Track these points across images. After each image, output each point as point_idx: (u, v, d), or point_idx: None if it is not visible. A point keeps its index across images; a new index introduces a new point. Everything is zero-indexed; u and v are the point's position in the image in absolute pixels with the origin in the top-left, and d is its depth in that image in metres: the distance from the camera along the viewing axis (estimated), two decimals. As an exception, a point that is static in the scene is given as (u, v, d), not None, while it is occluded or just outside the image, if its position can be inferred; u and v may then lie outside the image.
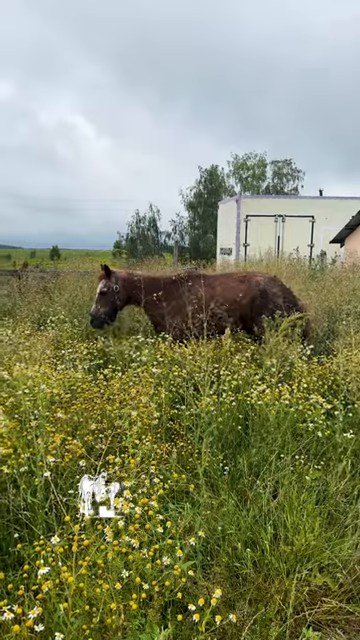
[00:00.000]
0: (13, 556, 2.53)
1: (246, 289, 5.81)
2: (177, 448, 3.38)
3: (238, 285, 5.89)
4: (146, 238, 40.78)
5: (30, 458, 2.86)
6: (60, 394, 3.72)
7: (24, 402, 3.31)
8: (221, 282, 5.96)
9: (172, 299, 5.82)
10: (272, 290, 5.82)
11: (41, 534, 2.37)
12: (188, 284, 5.88)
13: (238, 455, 3.51)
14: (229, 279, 6.06)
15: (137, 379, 4.02)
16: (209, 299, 5.67)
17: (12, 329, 5.75)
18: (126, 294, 5.85)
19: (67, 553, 2.05)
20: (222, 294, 5.76)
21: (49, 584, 1.86)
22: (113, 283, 5.79)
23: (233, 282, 5.94)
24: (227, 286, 5.86)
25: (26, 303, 8.05)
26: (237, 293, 5.76)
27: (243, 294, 5.76)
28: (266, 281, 5.96)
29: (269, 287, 5.83)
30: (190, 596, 2.30)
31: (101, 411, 3.62)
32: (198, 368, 4.20)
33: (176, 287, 5.89)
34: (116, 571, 2.02)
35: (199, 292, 5.76)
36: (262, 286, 5.80)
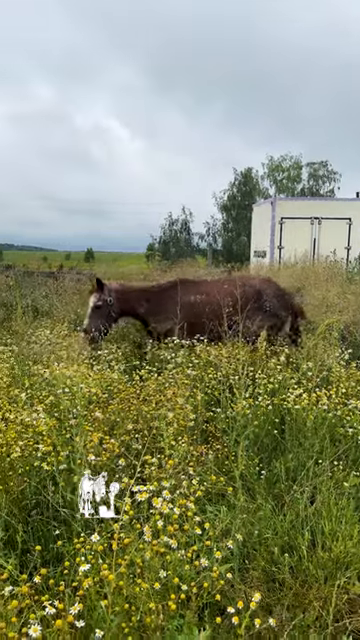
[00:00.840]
0: (52, 552, 2.57)
1: (242, 292, 5.77)
2: (213, 450, 3.38)
3: (233, 289, 5.86)
4: (179, 241, 40.89)
5: (69, 456, 2.91)
6: (98, 394, 3.77)
7: (63, 401, 3.38)
8: (217, 287, 5.96)
9: (168, 307, 5.74)
10: (268, 292, 5.83)
11: (80, 531, 2.41)
12: (182, 291, 5.85)
13: (274, 459, 3.48)
14: (224, 283, 6.08)
15: (173, 380, 4.04)
16: (205, 304, 5.65)
17: (50, 329, 5.86)
18: (120, 306, 5.76)
19: (106, 551, 2.07)
20: (219, 299, 5.72)
21: (89, 581, 1.88)
22: (107, 296, 5.70)
23: (230, 286, 5.96)
24: (224, 291, 5.86)
25: (63, 304, 8.19)
26: (233, 297, 5.72)
27: (239, 297, 5.76)
28: (262, 283, 5.99)
29: (264, 289, 5.84)
30: (228, 599, 2.29)
31: (137, 411, 3.65)
32: (233, 371, 4.19)
33: (172, 294, 5.83)
34: (154, 571, 2.03)
35: (193, 298, 5.77)
36: (258, 288, 5.83)
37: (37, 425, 3.11)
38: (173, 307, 5.72)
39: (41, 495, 2.85)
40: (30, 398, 3.64)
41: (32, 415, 3.21)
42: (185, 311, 5.66)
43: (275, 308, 5.69)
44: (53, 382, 3.87)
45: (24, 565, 2.49)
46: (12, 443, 2.95)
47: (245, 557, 2.70)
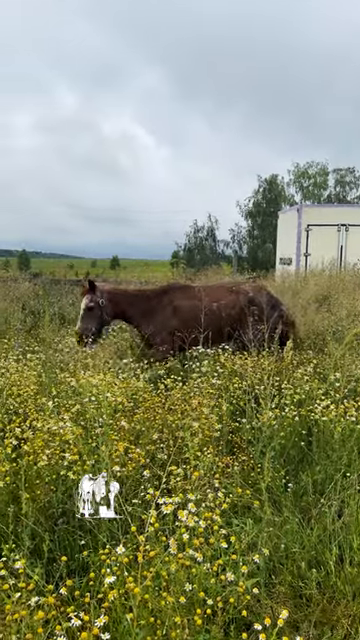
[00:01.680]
0: (78, 562, 2.58)
1: (235, 299, 5.79)
2: (239, 462, 3.35)
3: (227, 295, 5.86)
4: (204, 248, 40.91)
5: (95, 465, 2.92)
6: (123, 402, 3.78)
7: (90, 409, 3.40)
8: (209, 293, 5.91)
9: (159, 312, 5.71)
10: (260, 300, 5.78)
11: (106, 542, 2.41)
12: (175, 296, 5.82)
13: (301, 472, 3.43)
14: (218, 290, 6.03)
15: (197, 390, 4.02)
16: (198, 311, 5.60)
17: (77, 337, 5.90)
18: (113, 308, 5.68)
19: (131, 563, 2.07)
20: (210, 305, 5.69)
21: (115, 593, 1.88)
22: (99, 297, 5.62)
23: (222, 293, 5.92)
24: (215, 297, 5.81)
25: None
26: (226, 304, 5.73)
27: (232, 304, 5.75)
28: (254, 291, 5.94)
29: (257, 297, 5.81)
30: (254, 614, 2.26)
31: (162, 421, 3.65)
32: (259, 380, 4.15)
33: (163, 299, 5.80)
34: (180, 584, 2.02)
35: (184, 304, 5.73)
36: (250, 296, 5.80)
37: (64, 434, 3.13)
38: (163, 312, 5.70)
39: (67, 504, 2.87)
40: (57, 406, 3.67)
41: (59, 423, 3.23)
42: (175, 316, 5.66)
43: (264, 316, 5.60)
44: (79, 390, 3.89)
45: (49, 574, 2.50)
46: (39, 452, 2.98)
47: (271, 571, 2.66)
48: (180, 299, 5.79)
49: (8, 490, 2.87)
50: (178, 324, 5.55)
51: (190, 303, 5.70)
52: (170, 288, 6.04)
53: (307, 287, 8.41)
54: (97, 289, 5.64)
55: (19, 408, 3.93)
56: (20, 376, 4.45)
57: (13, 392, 4.12)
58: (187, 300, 5.76)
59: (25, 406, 3.90)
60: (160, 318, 5.65)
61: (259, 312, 5.64)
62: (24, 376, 4.50)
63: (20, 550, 2.36)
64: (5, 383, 4.22)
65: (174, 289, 6.00)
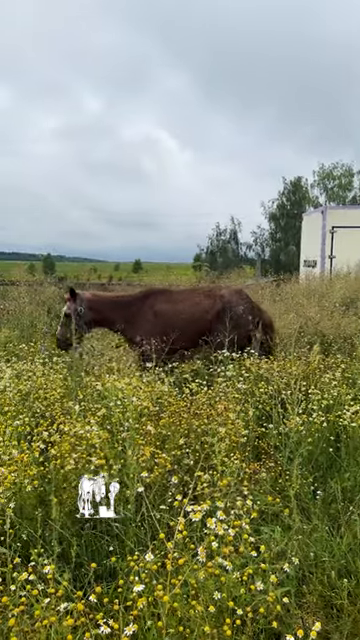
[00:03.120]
0: (105, 567, 2.57)
1: (211, 304, 5.75)
2: (266, 468, 3.30)
3: (203, 300, 5.82)
4: (226, 251, 40.79)
5: (122, 470, 2.92)
6: (148, 407, 3.77)
7: (116, 414, 3.39)
8: (186, 297, 5.90)
9: (139, 317, 5.71)
10: (237, 303, 5.74)
11: (133, 547, 2.40)
12: (155, 301, 5.82)
13: (330, 478, 3.38)
14: (194, 294, 6.01)
15: (223, 394, 3.99)
16: (174, 315, 5.62)
17: (101, 341, 5.94)
18: (92, 315, 5.71)
19: (159, 570, 2.05)
20: (187, 310, 5.68)
21: (143, 601, 1.87)
22: (78, 305, 5.68)
23: (198, 297, 5.88)
24: (192, 301, 5.81)
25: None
26: (202, 308, 5.70)
27: (208, 309, 5.71)
28: (231, 295, 5.88)
29: (234, 301, 5.75)
30: (284, 624, 2.22)
31: (188, 426, 3.63)
32: (285, 385, 4.10)
33: (143, 304, 5.80)
34: (209, 593, 1.99)
35: (164, 309, 5.72)
36: (226, 300, 5.74)
37: (90, 437, 3.13)
38: (144, 316, 5.70)
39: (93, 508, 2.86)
40: (83, 410, 3.68)
41: (85, 427, 3.24)
42: (153, 321, 5.66)
43: (241, 320, 5.60)
44: (105, 394, 3.90)
45: (77, 579, 2.50)
46: (66, 455, 2.99)
47: (300, 581, 2.61)
48: (160, 303, 5.81)
49: (36, 494, 2.88)
50: (158, 328, 5.56)
51: (169, 307, 5.74)
52: (150, 293, 6.08)
53: (333, 290, 8.30)
54: (78, 297, 5.71)
55: (46, 411, 3.95)
56: (46, 379, 4.48)
57: (40, 395, 4.16)
58: (166, 304, 5.79)
59: (52, 409, 3.92)
60: (141, 323, 5.69)
61: (235, 316, 5.63)
62: (50, 379, 4.53)
63: (49, 555, 2.36)
64: (32, 386, 4.25)
65: (154, 294, 6.03)
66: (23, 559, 2.33)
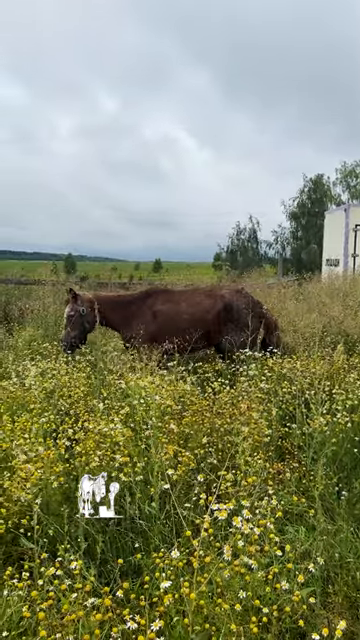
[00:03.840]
0: (128, 564, 2.59)
1: (212, 303, 5.73)
2: (290, 468, 3.29)
3: (204, 300, 5.80)
4: (246, 250, 40.57)
5: (145, 467, 2.94)
6: (171, 405, 3.78)
7: (139, 412, 3.42)
8: (187, 297, 5.88)
9: (139, 317, 5.72)
10: (237, 304, 5.70)
11: (159, 544, 2.42)
12: (156, 301, 5.82)
13: (354, 479, 3.34)
14: (195, 294, 5.99)
15: (245, 394, 3.98)
16: (175, 315, 5.62)
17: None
18: (94, 316, 5.75)
19: (185, 567, 2.06)
20: (188, 310, 5.65)
21: (169, 598, 1.88)
22: (80, 306, 5.73)
23: (199, 297, 5.85)
24: (193, 301, 5.78)
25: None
26: (203, 308, 5.68)
27: (209, 309, 5.68)
28: (232, 294, 5.85)
29: (234, 300, 5.72)
30: (310, 624, 2.21)
31: (210, 424, 3.63)
32: (309, 385, 4.07)
33: (143, 304, 5.81)
34: (234, 591, 2.00)
35: (164, 309, 5.73)
36: (227, 299, 5.72)
37: (114, 435, 3.16)
38: (144, 316, 5.71)
39: (118, 505, 2.89)
40: (107, 408, 3.71)
41: (109, 425, 3.27)
42: (155, 321, 5.67)
43: (245, 321, 5.52)
44: (128, 392, 3.92)
45: (102, 575, 2.53)
46: (91, 452, 3.02)
47: (325, 581, 2.60)
48: (160, 304, 5.82)
49: (61, 490, 2.92)
50: (157, 328, 5.58)
51: (169, 307, 5.75)
52: (151, 293, 6.09)
53: (356, 289, 8.21)
54: (79, 298, 5.77)
55: (70, 409, 4.00)
56: (70, 378, 4.53)
57: (64, 393, 4.21)
58: (166, 305, 5.80)
59: (75, 407, 3.96)
60: (140, 322, 5.69)
61: (236, 316, 5.62)
62: (74, 378, 4.58)
63: (75, 551, 2.39)
64: (56, 385, 4.30)
65: (155, 294, 6.05)
66: (50, 554, 2.37)
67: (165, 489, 2.58)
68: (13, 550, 2.75)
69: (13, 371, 4.84)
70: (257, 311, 5.74)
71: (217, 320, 5.65)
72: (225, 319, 5.64)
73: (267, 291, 8.72)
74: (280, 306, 7.38)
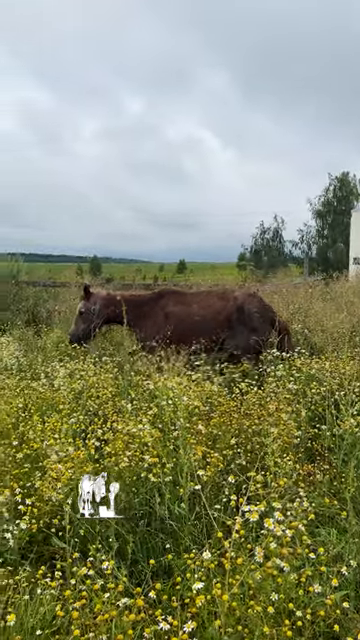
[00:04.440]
0: (159, 564, 2.60)
1: (223, 306, 5.68)
2: (321, 470, 3.25)
3: (216, 302, 5.76)
4: (271, 249, 40.31)
5: (174, 468, 2.94)
6: (199, 406, 3.78)
7: (167, 412, 3.42)
8: (200, 299, 5.86)
9: (151, 317, 5.75)
10: (249, 307, 5.65)
11: (189, 545, 2.41)
12: (168, 302, 5.82)
13: (386, 481, 3.28)
14: (208, 296, 5.97)
15: (273, 395, 3.95)
16: (187, 317, 5.60)
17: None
18: (105, 313, 5.81)
19: (216, 569, 2.06)
20: (199, 312, 5.64)
21: (202, 599, 1.87)
22: (92, 304, 5.80)
23: (211, 299, 5.83)
24: (205, 303, 5.75)
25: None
26: (215, 310, 5.65)
27: (220, 310, 5.65)
28: (244, 298, 5.79)
29: (247, 304, 5.67)
30: (343, 628, 2.18)
31: (239, 425, 3.62)
32: (338, 385, 4.01)
33: (156, 305, 5.82)
34: (266, 593, 1.98)
35: (176, 310, 5.72)
36: (239, 302, 5.67)
37: (143, 436, 3.17)
38: (156, 317, 5.74)
39: (147, 506, 2.90)
40: (135, 409, 3.73)
41: (138, 426, 3.28)
42: (167, 322, 5.65)
43: (256, 324, 5.54)
44: (156, 393, 3.93)
45: (133, 575, 2.54)
46: (120, 453, 3.04)
47: (358, 584, 2.56)
48: (172, 305, 5.82)
49: (91, 490, 2.94)
50: (169, 329, 5.55)
51: (180, 309, 5.75)
52: (163, 294, 6.11)
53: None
54: (92, 296, 5.85)
55: (98, 410, 4.03)
56: (98, 379, 4.57)
57: (92, 394, 4.24)
58: (178, 306, 5.79)
59: (104, 408, 3.99)
60: (152, 323, 5.72)
61: (248, 320, 5.58)
62: (101, 378, 4.62)
63: (106, 551, 2.41)
64: (84, 385, 4.34)
65: (167, 294, 6.05)
66: (81, 554, 2.39)
67: (195, 490, 2.58)
68: (45, 549, 2.79)
69: (42, 372, 4.92)
70: (268, 315, 5.72)
71: (228, 322, 5.62)
72: (237, 322, 5.61)
73: (294, 291, 8.64)
74: (307, 306, 7.31)
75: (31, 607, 2.05)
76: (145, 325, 5.74)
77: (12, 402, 3.91)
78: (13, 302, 9.78)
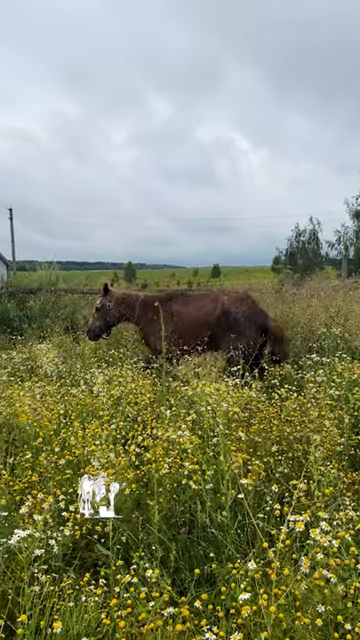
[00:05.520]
0: (203, 573, 2.57)
1: (213, 308, 5.82)
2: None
3: (208, 304, 5.91)
4: (306, 252, 39.76)
5: (214, 475, 2.92)
6: (237, 412, 3.74)
7: (207, 419, 3.40)
8: (195, 301, 6.08)
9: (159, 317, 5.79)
10: (236, 310, 5.73)
11: (233, 554, 2.39)
12: (173, 303, 6.03)
13: None
14: (203, 299, 6.15)
15: (314, 401, 3.88)
16: (184, 317, 5.82)
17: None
18: (118, 311, 6.10)
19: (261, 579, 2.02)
20: (193, 313, 5.83)
21: (247, 609, 1.85)
22: (107, 301, 6.07)
23: (205, 301, 6.04)
24: (198, 305, 5.94)
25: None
26: (206, 312, 5.80)
27: (211, 313, 5.79)
28: (232, 300, 5.87)
29: (234, 307, 5.79)
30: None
31: (279, 432, 3.56)
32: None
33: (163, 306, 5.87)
34: (313, 605, 1.93)
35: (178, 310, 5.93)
36: (226, 305, 5.77)
37: (183, 443, 3.16)
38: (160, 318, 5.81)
39: (188, 513, 2.88)
40: (174, 415, 3.73)
41: (177, 432, 3.28)
42: (171, 322, 5.83)
43: (239, 326, 5.66)
44: (195, 399, 3.92)
45: (174, 583, 2.52)
46: (160, 460, 3.03)
47: None
48: (176, 306, 6.03)
49: (133, 497, 2.95)
50: (173, 329, 5.76)
51: (181, 310, 5.97)
52: (172, 295, 6.35)
53: None
54: (109, 293, 6.16)
55: (137, 416, 4.05)
56: (136, 385, 4.59)
57: (130, 400, 4.27)
58: (180, 307, 6.01)
59: (143, 414, 4.01)
60: (158, 323, 5.81)
61: (233, 321, 5.68)
62: (140, 385, 4.64)
63: (149, 559, 2.40)
64: (123, 391, 4.37)
65: (175, 296, 6.29)
66: (124, 561, 2.40)
67: (237, 498, 2.55)
68: (87, 556, 2.81)
69: (82, 378, 4.98)
70: (256, 320, 5.76)
71: (217, 324, 5.77)
72: (223, 324, 5.74)
73: (332, 294, 8.48)
74: (347, 309, 7.16)
75: (76, 614, 2.06)
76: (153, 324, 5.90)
77: (53, 408, 3.97)
78: (52, 309, 9.97)
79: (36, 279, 13.73)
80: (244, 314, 5.75)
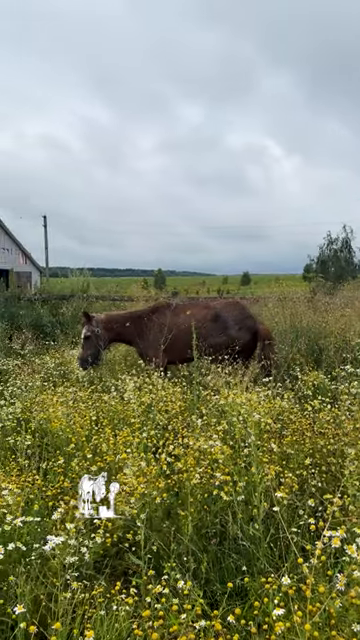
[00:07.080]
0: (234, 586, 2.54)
1: (205, 315, 6.02)
2: None
3: (200, 311, 6.10)
4: (339, 260, 39.18)
5: (246, 487, 2.88)
6: (269, 423, 3.70)
7: (238, 429, 3.37)
8: (186, 310, 6.22)
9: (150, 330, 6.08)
10: (225, 315, 6.02)
11: (265, 567, 2.35)
12: (159, 315, 6.15)
13: None
14: (196, 307, 6.37)
15: (348, 413, 3.80)
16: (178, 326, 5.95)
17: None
18: (108, 335, 6.12)
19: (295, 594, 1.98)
20: (188, 322, 5.85)
21: (281, 626, 1.81)
22: (94, 327, 6.07)
23: (197, 309, 6.25)
24: (192, 313, 6.08)
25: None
26: (199, 319, 5.91)
27: (203, 320, 5.95)
28: (222, 306, 6.24)
29: (223, 312, 6.05)
30: None
31: (312, 444, 3.50)
32: None
33: (145, 320, 6.14)
34: (349, 624, 1.88)
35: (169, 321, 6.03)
36: (216, 311, 6.07)
37: (214, 453, 3.14)
38: (153, 329, 6.10)
39: (219, 525, 2.86)
40: (205, 424, 3.71)
41: (208, 442, 3.25)
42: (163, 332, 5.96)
43: (228, 329, 5.90)
44: (226, 409, 3.90)
45: (205, 595, 2.49)
46: (191, 469, 3.02)
47: None
48: (165, 317, 6.13)
49: (164, 506, 2.93)
50: (165, 339, 5.90)
51: (172, 320, 6.07)
52: (157, 308, 6.46)
53: None
54: (93, 319, 6.15)
55: (167, 424, 4.04)
56: (167, 393, 4.59)
57: (161, 408, 4.26)
58: (170, 318, 6.10)
59: (174, 423, 4.00)
60: (151, 335, 6.08)
61: (223, 324, 5.95)
62: (170, 392, 4.64)
63: (180, 570, 2.38)
64: (153, 399, 4.37)
65: (161, 308, 6.41)
66: (154, 571, 2.38)
67: (271, 511, 2.51)
68: (117, 564, 2.80)
69: (112, 385, 5.01)
70: (246, 323, 6.03)
71: (208, 328, 5.94)
72: (212, 329, 5.93)
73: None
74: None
75: (107, 623, 2.05)
76: (146, 337, 6.11)
77: (85, 415, 4.00)
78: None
79: (68, 285, 13.93)
80: (234, 318, 6.03)
